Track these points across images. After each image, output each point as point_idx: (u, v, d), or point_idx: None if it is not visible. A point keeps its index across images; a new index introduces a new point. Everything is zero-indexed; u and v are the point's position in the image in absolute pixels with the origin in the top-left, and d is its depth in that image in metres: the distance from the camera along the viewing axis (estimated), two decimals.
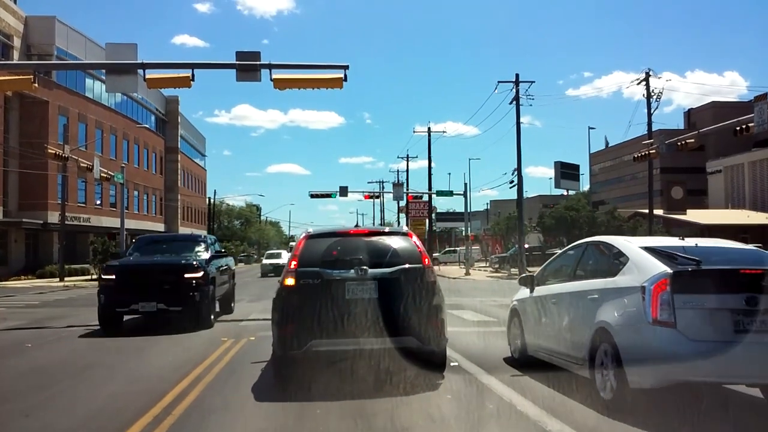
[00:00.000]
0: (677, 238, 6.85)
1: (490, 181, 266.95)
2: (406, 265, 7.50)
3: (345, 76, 16.12)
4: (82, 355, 10.40)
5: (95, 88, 53.56)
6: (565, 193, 54.62)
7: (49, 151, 30.75)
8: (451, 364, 8.28)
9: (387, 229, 8.96)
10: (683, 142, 24.96)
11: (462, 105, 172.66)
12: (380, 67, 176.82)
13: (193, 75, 15.97)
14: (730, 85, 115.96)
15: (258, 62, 16.04)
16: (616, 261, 6.60)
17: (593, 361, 6.29)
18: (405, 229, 8.74)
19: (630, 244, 6.67)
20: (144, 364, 9.34)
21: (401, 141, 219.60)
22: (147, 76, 16.08)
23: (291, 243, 63.47)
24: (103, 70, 19.48)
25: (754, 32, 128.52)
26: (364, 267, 7.36)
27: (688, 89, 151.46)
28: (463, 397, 6.73)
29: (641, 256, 6.25)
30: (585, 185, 74.23)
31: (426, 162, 59.48)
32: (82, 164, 33.10)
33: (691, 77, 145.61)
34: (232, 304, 16.57)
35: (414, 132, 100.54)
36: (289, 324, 7.28)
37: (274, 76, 16.15)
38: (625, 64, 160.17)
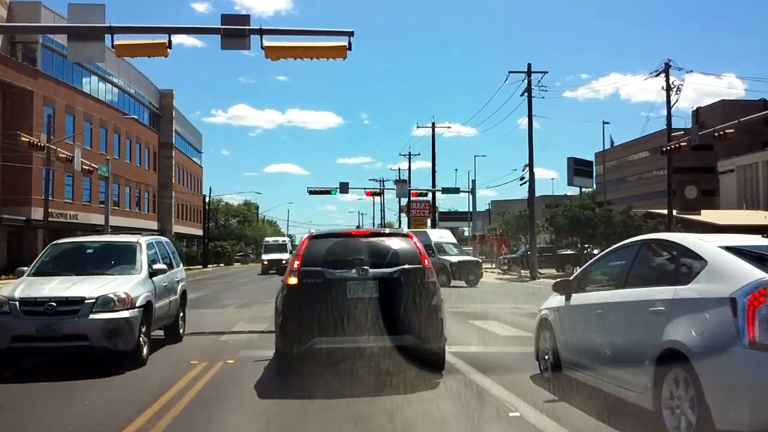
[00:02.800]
0: (760, 236, 5.81)
1: (490, 182, 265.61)
2: (406, 266, 7.61)
3: (349, 44, 13.68)
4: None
5: (84, 78, 51.13)
6: (569, 193, 52.71)
7: (23, 138, 28.26)
8: (510, 414, 5.95)
9: (387, 231, 9.19)
10: (721, 133, 22.66)
11: (460, 105, 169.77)
12: (378, 67, 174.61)
13: (170, 41, 13.51)
14: (727, 87, 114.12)
15: (247, 26, 13.58)
16: (687, 264, 5.40)
17: (659, 390, 5.11)
18: (405, 230, 9.08)
19: (706, 244, 5.47)
20: (67, 407, 6.61)
21: (399, 141, 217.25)
22: (116, 42, 13.64)
23: (278, 240, 58.46)
24: (95, 63, 16.84)
25: (752, 33, 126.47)
26: (365, 267, 7.47)
27: (685, 91, 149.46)
28: None
29: (724, 259, 5.07)
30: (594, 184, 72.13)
31: (426, 162, 57.70)
32: (61, 155, 30.65)
33: (688, 79, 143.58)
34: None
35: (417, 126, 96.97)
36: (292, 322, 7.37)
37: (266, 44, 13.67)
38: (623, 65, 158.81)
